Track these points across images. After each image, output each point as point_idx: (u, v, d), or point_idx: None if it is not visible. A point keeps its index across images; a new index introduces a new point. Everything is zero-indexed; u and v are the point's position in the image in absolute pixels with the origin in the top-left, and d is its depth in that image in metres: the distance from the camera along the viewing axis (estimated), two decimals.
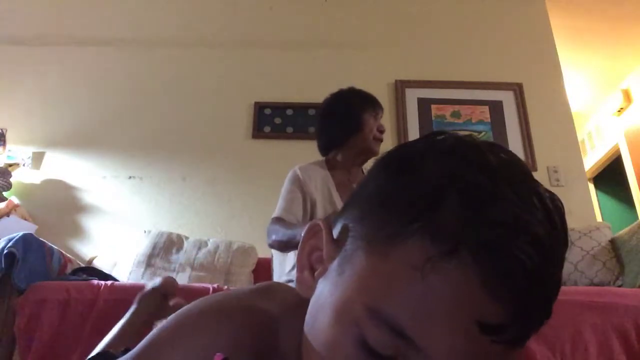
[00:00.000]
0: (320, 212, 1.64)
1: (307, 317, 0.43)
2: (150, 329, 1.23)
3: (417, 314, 0.34)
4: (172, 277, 1.48)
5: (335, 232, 0.43)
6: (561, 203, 0.38)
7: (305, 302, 0.44)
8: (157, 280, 1.38)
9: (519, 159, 0.39)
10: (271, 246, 1.58)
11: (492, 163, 0.36)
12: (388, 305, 0.35)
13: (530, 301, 0.34)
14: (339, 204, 1.65)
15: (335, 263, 0.41)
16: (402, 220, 0.36)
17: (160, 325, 0.47)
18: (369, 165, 1.81)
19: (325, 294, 0.40)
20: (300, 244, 0.45)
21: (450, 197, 0.35)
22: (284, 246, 1.52)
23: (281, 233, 1.50)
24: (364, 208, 0.40)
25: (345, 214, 0.43)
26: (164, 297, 1.31)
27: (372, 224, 0.38)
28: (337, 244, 0.42)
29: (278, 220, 1.57)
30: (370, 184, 0.42)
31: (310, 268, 0.44)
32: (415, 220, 0.35)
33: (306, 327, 0.42)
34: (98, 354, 0.90)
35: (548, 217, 0.36)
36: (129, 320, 1.22)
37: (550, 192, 0.38)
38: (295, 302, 0.45)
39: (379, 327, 0.35)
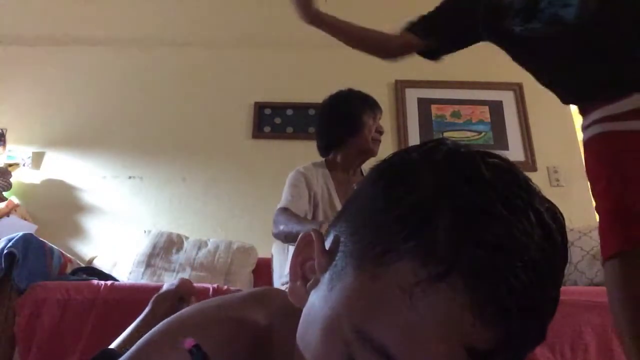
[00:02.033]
0: (320, 212, 1.64)
1: (299, 328, 0.42)
2: None
3: (404, 337, 0.33)
4: (188, 280, 1.47)
5: (328, 242, 0.42)
6: (561, 214, 0.37)
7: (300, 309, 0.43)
8: (173, 282, 1.37)
9: (516, 169, 0.37)
10: (277, 235, 1.54)
11: (486, 177, 0.35)
12: (375, 327, 0.34)
13: (522, 327, 0.33)
14: (338, 204, 1.67)
15: (326, 276, 0.40)
16: (392, 239, 0.35)
17: (152, 329, 0.47)
18: (367, 165, 1.82)
19: (316, 308, 0.40)
20: (293, 253, 0.45)
21: (442, 217, 0.34)
22: (291, 239, 1.48)
23: (290, 226, 1.47)
24: (355, 222, 0.40)
25: (339, 224, 0.42)
26: (180, 299, 1.31)
27: (362, 240, 0.37)
28: (329, 255, 0.41)
29: (286, 210, 1.55)
30: (363, 196, 0.41)
31: (303, 278, 0.43)
32: (405, 241, 0.34)
33: (298, 338, 0.42)
34: (100, 353, 0.89)
35: (544, 234, 0.34)
36: (142, 321, 1.21)
37: (549, 202, 0.37)
38: (291, 308, 0.45)
39: (365, 347, 0.34)
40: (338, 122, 1.73)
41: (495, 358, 0.33)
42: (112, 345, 1.11)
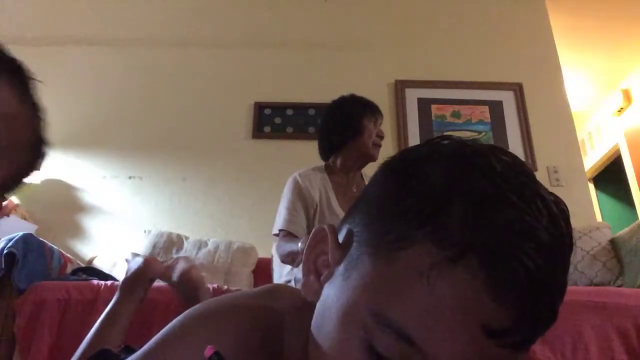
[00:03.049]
0: (319, 216, 1.66)
1: (314, 320, 0.43)
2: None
3: (423, 319, 0.34)
4: (154, 258, 1.37)
5: (341, 237, 0.43)
6: (565, 206, 0.38)
7: (310, 302, 0.44)
8: (137, 261, 1.24)
9: (522, 163, 0.39)
10: (284, 260, 1.60)
11: (496, 167, 0.37)
12: (394, 311, 0.35)
13: (536, 306, 0.34)
14: (337, 207, 1.69)
15: (341, 267, 0.41)
16: (407, 226, 0.36)
17: (167, 325, 0.48)
18: (367, 169, 1.83)
19: (332, 298, 0.41)
20: (305, 249, 0.45)
21: (456, 203, 0.35)
22: (290, 260, 1.55)
23: (289, 245, 1.54)
24: (369, 213, 0.40)
25: (350, 219, 0.43)
26: (150, 280, 1.24)
27: (377, 229, 0.38)
28: (343, 248, 0.42)
29: (285, 234, 1.60)
30: (375, 189, 0.42)
31: (316, 272, 0.44)
32: (420, 226, 0.35)
33: (314, 330, 0.42)
34: (98, 353, 0.89)
35: (552, 221, 0.36)
36: (112, 311, 1.15)
37: (554, 195, 0.38)
38: (300, 302, 0.46)
39: (385, 332, 0.35)
40: (339, 125, 1.75)
41: (511, 337, 0.34)
42: (85, 342, 1.07)
